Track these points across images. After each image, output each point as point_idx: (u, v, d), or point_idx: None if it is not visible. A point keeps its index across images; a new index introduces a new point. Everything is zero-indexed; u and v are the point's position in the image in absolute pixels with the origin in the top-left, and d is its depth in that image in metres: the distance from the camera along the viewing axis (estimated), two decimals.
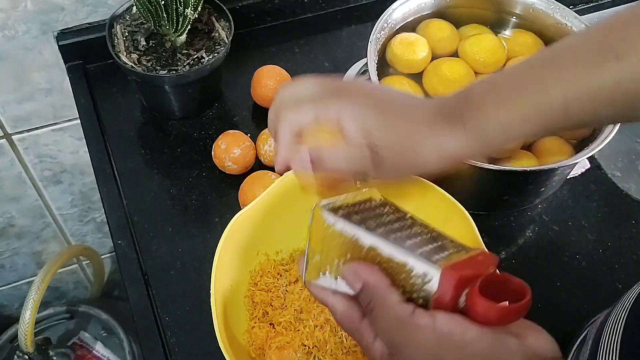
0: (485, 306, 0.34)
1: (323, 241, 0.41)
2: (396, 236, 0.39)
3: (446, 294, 0.36)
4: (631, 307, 0.44)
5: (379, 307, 0.37)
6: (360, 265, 0.39)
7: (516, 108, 0.42)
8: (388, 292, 0.37)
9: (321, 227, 0.41)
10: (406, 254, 0.37)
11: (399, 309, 0.36)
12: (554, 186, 0.73)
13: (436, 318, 0.35)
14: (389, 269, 0.38)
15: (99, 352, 1.13)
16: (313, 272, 0.42)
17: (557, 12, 0.77)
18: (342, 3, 0.94)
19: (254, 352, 0.57)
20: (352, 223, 0.40)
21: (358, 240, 0.39)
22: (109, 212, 0.72)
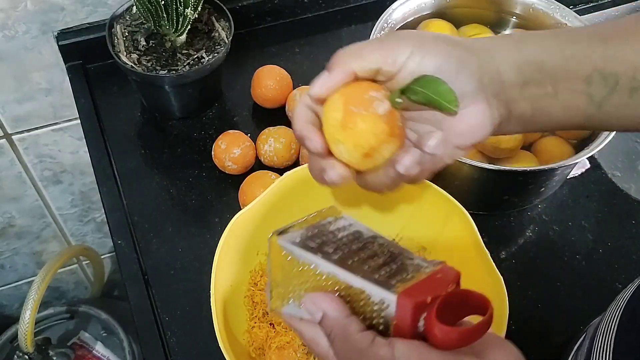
0: (443, 331, 0.34)
1: (283, 270, 0.41)
2: (354, 260, 0.39)
3: (404, 321, 0.35)
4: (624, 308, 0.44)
5: (339, 338, 0.37)
6: (319, 296, 0.38)
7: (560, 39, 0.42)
8: (347, 322, 0.37)
9: (279, 256, 0.40)
10: (362, 280, 0.37)
11: (358, 338, 0.36)
12: (554, 186, 0.73)
13: (395, 347, 0.35)
14: (348, 296, 0.38)
15: (99, 352, 1.13)
16: (277, 301, 0.42)
17: (557, 12, 0.77)
18: (342, 3, 0.94)
19: (254, 352, 0.57)
20: (309, 251, 0.39)
21: (316, 268, 0.39)
22: (109, 212, 0.72)
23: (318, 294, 0.39)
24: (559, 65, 0.41)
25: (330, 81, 0.42)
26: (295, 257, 0.40)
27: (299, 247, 0.40)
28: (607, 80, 0.41)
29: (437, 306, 0.34)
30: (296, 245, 0.40)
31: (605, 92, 0.41)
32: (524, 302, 0.66)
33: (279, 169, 0.74)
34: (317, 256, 0.39)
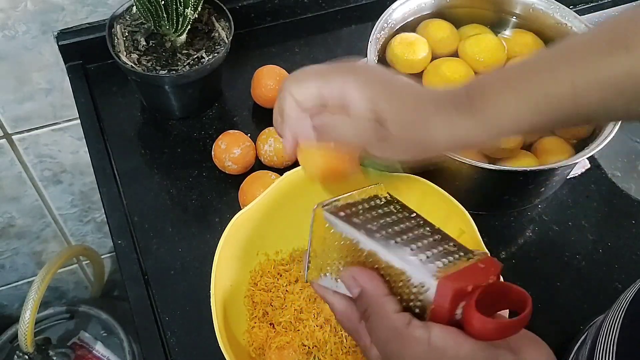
0: (481, 321, 0.34)
1: (324, 242, 0.41)
2: (397, 240, 0.39)
3: (443, 306, 0.35)
4: (627, 308, 0.44)
5: (375, 316, 0.37)
6: (359, 271, 0.39)
7: (525, 96, 0.42)
8: (385, 300, 0.37)
9: (322, 228, 0.40)
10: (405, 262, 0.37)
11: (395, 318, 0.36)
12: (554, 186, 0.73)
13: (431, 331, 0.35)
14: (387, 275, 0.38)
15: (99, 352, 1.13)
16: (315, 272, 0.42)
17: (557, 12, 0.77)
18: (342, 3, 0.94)
19: (254, 352, 0.57)
20: (353, 225, 0.39)
21: (358, 244, 0.39)
22: (109, 212, 0.72)
23: (358, 269, 0.39)
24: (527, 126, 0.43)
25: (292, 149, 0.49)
26: (338, 230, 0.40)
27: (343, 221, 0.39)
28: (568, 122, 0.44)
29: (477, 296, 0.35)
30: (341, 219, 0.40)
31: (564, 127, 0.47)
32: None
33: (279, 169, 0.74)
34: (360, 232, 0.39)
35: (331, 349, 0.57)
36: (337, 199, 0.42)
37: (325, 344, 0.57)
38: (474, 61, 0.76)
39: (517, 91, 0.42)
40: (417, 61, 0.75)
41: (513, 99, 0.42)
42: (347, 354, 0.57)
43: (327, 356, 0.56)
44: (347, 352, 0.57)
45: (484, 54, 0.75)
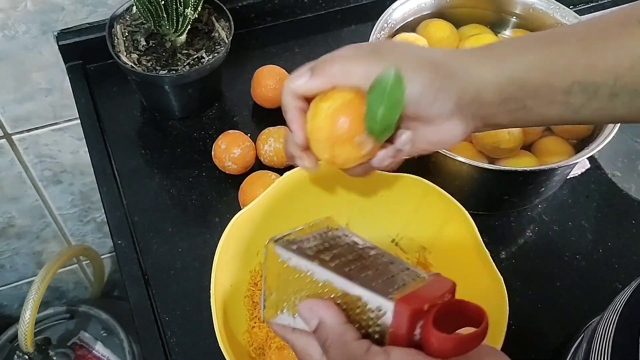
0: (439, 338, 0.34)
1: (279, 278, 0.41)
2: (351, 268, 0.39)
3: (400, 328, 0.35)
4: (622, 310, 0.44)
5: (334, 346, 0.37)
6: (315, 302, 0.38)
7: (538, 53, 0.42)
8: (343, 329, 0.37)
9: (276, 263, 0.40)
10: (360, 288, 0.37)
11: (354, 346, 0.36)
12: (554, 186, 0.73)
13: (390, 355, 0.34)
14: (344, 304, 0.38)
15: (99, 352, 1.13)
16: (271, 310, 0.42)
17: (557, 12, 0.77)
18: (342, 3, 0.94)
19: (254, 352, 0.57)
20: (305, 257, 0.39)
21: (313, 275, 0.39)
22: (109, 212, 0.72)
23: (315, 301, 0.38)
24: (540, 82, 0.42)
25: (311, 85, 0.45)
26: (291, 264, 0.40)
27: (296, 254, 0.39)
28: (586, 91, 0.42)
29: (434, 314, 0.34)
30: (293, 252, 0.40)
31: (584, 100, 0.42)
32: (524, 302, 0.66)
33: (279, 169, 0.74)
34: (314, 263, 0.39)
35: None
36: (289, 234, 0.42)
37: None
38: None
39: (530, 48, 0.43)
40: None
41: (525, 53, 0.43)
42: None
43: None
44: None
45: None
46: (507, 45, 0.45)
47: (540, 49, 0.43)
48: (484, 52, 0.44)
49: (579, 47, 0.41)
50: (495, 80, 0.42)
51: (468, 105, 0.43)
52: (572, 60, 0.41)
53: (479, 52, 0.44)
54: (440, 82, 0.42)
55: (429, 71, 0.42)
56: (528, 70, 0.42)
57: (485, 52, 0.44)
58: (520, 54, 0.43)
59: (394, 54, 0.44)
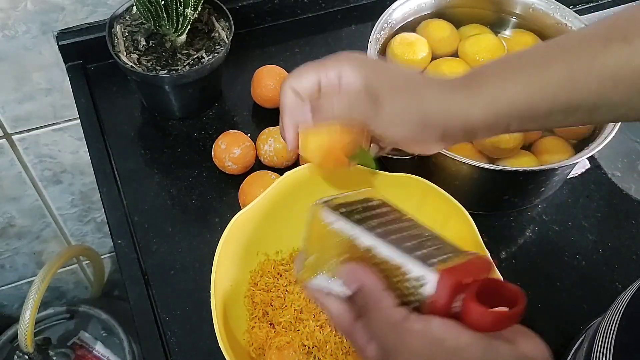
0: (479, 312, 0.34)
1: (320, 240, 0.41)
2: (394, 237, 0.39)
3: (441, 298, 0.36)
4: (624, 310, 0.44)
5: (373, 311, 0.37)
6: (357, 267, 0.39)
7: (521, 82, 0.43)
8: (383, 295, 0.37)
9: (319, 225, 0.41)
10: (403, 256, 0.37)
11: (393, 312, 0.36)
12: (554, 186, 0.73)
13: (430, 323, 0.35)
14: (385, 271, 0.38)
15: (99, 352, 1.13)
16: (308, 272, 0.42)
17: (557, 12, 0.77)
18: (342, 3, 0.94)
19: (254, 352, 0.57)
20: (350, 222, 0.39)
21: (356, 240, 0.39)
22: (109, 212, 0.72)
23: (356, 265, 0.39)
24: (524, 111, 0.44)
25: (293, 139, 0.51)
26: (335, 227, 0.40)
27: (341, 218, 0.40)
28: (567, 111, 0.43)
29: (476, 288, 0.35)
30: (338, 216, 0.40)
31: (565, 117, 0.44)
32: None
33: (279, 169, 0.74)
34: (358, 228, 0.39)
35: (331, 349, 0.57)
36: (334, 197, 0.42)
37: (325, 344, 0.57)
38: (474, 61, 0.76)
39: (514, 77, 0.43)
40: (417, 61, 0.75)
41: (510, 84, 0.43)
42: (347, 354, 0.57)
43: (327, 356, 0.56)
44: (347, 352, 0.57)
45: (484, 54, 0.75)
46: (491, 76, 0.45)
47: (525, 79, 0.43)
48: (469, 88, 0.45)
49: (563, 71, 0.42)
50: (482, 116, 0.44)
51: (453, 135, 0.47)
52: (556, 88, 0.42)
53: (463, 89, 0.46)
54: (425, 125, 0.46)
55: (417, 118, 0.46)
56: (513, 103, 0.44)
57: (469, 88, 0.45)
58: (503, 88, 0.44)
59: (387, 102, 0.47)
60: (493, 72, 0.45)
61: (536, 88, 0.42)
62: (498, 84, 0.44)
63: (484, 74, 0.45)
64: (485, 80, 0.44)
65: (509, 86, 0.43)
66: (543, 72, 0.42)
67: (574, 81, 0.41)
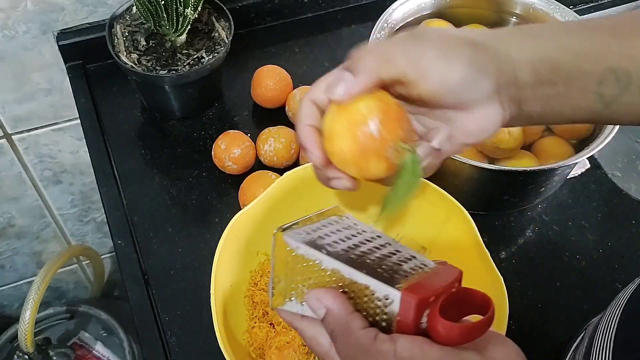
0: (446, 326, 0.34)
1: (287, 266, 0.41)
2: (358, 256, 0.39)
3: (407, 317, 0.35)
4: (624, 307, 0.44)
5: (341, 335, 0.37)
6: (322, 292, 0.38)
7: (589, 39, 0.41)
8: (350, 318, 0.37)
9: (284, 252, 0.40)
10: (367, 277, 0.37)
11: (361, 335, 0.36)
12: (554, 186, 0.73)
13: (397, 343, 0.35)
14: (351, 292, 0.38)
15: (99, 352, 1.13)
16: (279, 298, 0.42)
17: (557, 12, 0.77)
18: (342, 3, 0.94)
19: (254, 352, 0.57)
20: (313, 246, 0.39)
21: (320, 264, 0.39)
22: (109, 212, 0.72)
23: (322, 290, 0.39)
24: (574, 65, 0.41)
25: (357, 87, 0.40)
26: (299, 252, 0.40)
27: (303, 243, 0.40)
28: (619, 80, 0.41)
29: (441, 303, 0.35)
30: (301, 241, 0.40)
31: (617, 91, 0.41)
32: (524, 302, 0.66)
33: (279, 169, 0.74)
34: (321, 252, 0.39)
35: None
36: (296, 222, 0.42)
37: None
38: None
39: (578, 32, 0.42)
40: None
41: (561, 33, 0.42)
42: None
43: None
44: None
45: None
46: (539, 28, 0.44)
47: (572, 33, 0.42)
48: (519, 32, 0.43)
49: (612, 35, 0.41)
50: (530, 59, 0.41)
51: (506, 86, 0.41)
52: (605, 46, 0.40)
53: (514, 32, 0.43)
54: (481, 61, 0.40)
55: (469, 50, 0.40)
56: (561, 52, 0.41)
57: (519, 32, 0.43)
58: (553, 36, 0.42)
59: (431, 37, 0.41)
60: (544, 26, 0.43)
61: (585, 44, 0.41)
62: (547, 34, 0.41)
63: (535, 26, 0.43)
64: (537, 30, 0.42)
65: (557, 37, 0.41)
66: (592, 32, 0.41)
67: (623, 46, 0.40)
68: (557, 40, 0.41)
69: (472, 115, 0.42)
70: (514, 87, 0.42)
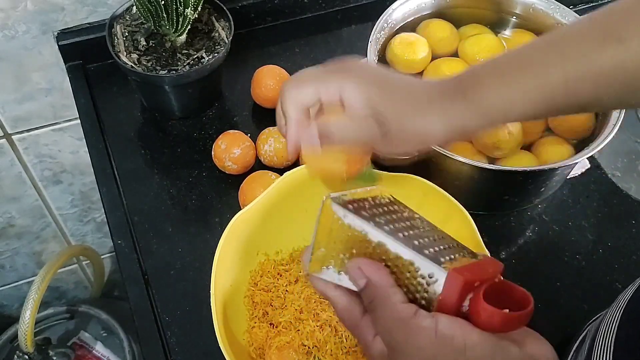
0: (489, 312, 0.34)
1: (330, 234, 0.41)
2: (405, 234, 0.39)
3: (451, 297, 0.36)
4: (625, 306, 0.44)
5: (381, 306, 0.37)
6: (366, 262, 0.39)
7: (517, 85, 0.43)
8: (391, 291, 0.37)
9: (330, 219, 0.40)
10: (413, 253, 0.37)
11: (401, 309, 0.36)
12: (554, 186, 0.73)
13: (438, 320, 0.35)
14: (394, 267, 0.38)
15: (99, 352, 1.13)
16: (316, 265, 0.42)
17: (557, 12, 0.77)
18: (342, 3, 0.94)
19: (254, 352, 0.57)
20: (361, 218, 0.39)
21: (366, 235, 0.39)
22: (109, 212, 0.72)
23: (365, 260, 0.39)
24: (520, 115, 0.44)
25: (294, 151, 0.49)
26: (346, 221, 0.40)
27: (352, 213, 0.39)
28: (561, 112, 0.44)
29: (484, 290, 0.35)
30: (350, 211, 0.40)
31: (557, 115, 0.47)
32: None
33: (279, 169, 0.74)
34: (369, 224, 0.39)
35: (331, 349, 0.57)
36: (345, 194, 0.42)
37: (325, 344, 0.57)
38: (474, 61, 0.76)
39: (509, 81, 0.43)
40: (417, 61, 0.75)
41: (505, 89, 0.43)
42: (347, 354, 0.57)
43: (327, 356, 0.56)
44: (347, 352, 0.57)
45: (484, 54, 0.75)
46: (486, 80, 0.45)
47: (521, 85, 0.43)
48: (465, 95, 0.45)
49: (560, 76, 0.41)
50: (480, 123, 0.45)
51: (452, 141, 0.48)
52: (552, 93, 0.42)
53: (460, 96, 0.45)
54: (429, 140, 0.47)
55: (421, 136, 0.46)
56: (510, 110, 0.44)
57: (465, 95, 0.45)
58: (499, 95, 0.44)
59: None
60: (489, 74, 0.45)
61: (531, 93, 0.42)
62: (493, 89, 0.44)
63: (480, 77, 0.45)
64: (482, 84, 0.44)
65: (505, 91, 0.43)
66: (539, 78, 0.42)
67: (569, 85, 0.41)
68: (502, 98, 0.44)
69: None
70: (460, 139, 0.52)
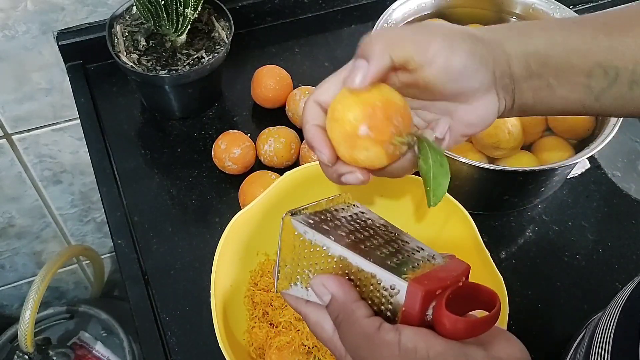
0: (452, 320, 0.34)
1: (293, 250, 0.41)
2: (366, 245, 0.39)
3: (413, 308, 0.35)
4: (623, 305, 0.44)
5: (345, 322, 0.37)
6: (328, 278, 0.38)
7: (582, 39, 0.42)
8: (355, 306, 0.37)
9: (291, 236, 0.40)
10: (374, 266, 0.37)
11: (365, 323, 0.36)
12: (554, 186, 0.73)
13: (402, 333, 0.35)
14: (357, 280, 0.38)
15: (99, 352, 1.13)
16: (284, 282, 0.42)
17: (557, 12, 0.77)
18: (342, 3, 0.94)
19: (254, 352, 0.57)
20: (322, 232, 0.39)
21: (328, 250, 0.39)
22: (109, 212, 0.72)
23: (327, 276, 0.39)
24: (563, 59, 0.42)
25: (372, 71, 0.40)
26: (307, 237, 0.40)
27: (312, 228, 0.39)
28: (607, 74, 0.42)
29: (447, 296, 0.35)
30: (309, 226, 0.40)
31: (605, 84, 0.42)
32: (524, 302, 0.66)
33: (279, 169, 0.74)
34: (329, 238, 0.39)
35: None
36: (305, 207, 0.42)
37: None
38: None
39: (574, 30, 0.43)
40: None
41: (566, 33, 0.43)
42: None
43: (327, 356, 0.56)
44: None
45: None
46: (532, 24, 0.45)
47: (564, 29, 0.43)
48: (514, 28, 0.45)
49: (601, 31, 0.42)
50: (522, 53, 0.43)
51: (501, 77, 0.43)
52: (594, 41, 0.42)
53: (510, 28, 0.45)
54: (480, 53, 0.42)
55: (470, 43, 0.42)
56: (551, 47, 0.42)
57: (515, 28, 0.45)
58: (543, 31, 0.43)
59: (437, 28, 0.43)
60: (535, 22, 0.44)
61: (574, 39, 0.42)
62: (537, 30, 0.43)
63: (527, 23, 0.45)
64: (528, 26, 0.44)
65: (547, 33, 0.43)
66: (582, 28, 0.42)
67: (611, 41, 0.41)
68: (548, 36, 0.43)
69: (471, 106, 0.43)
70: (508, 79, 0.43)
